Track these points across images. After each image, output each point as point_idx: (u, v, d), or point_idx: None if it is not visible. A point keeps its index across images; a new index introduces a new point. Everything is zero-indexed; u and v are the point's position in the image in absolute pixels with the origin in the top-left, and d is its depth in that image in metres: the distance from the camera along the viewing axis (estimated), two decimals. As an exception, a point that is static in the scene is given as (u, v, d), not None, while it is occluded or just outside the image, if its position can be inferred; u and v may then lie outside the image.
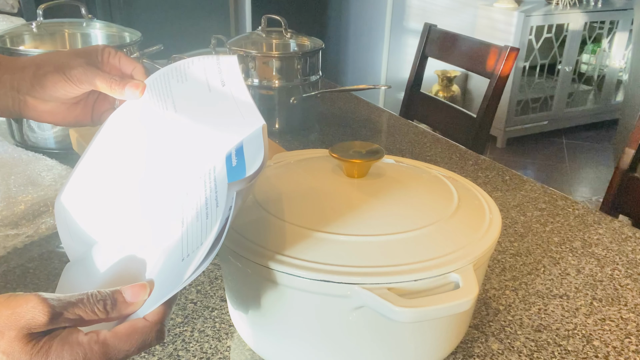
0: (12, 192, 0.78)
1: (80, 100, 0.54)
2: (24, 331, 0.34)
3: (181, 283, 0.37)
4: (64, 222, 0.49)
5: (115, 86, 0.51)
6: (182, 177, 0.45)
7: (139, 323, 0.38)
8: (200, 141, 0.47)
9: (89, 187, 0.50)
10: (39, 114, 0.54)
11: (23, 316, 0.34)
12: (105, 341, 0.36)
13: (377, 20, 3.24)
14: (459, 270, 0.45)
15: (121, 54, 0.54)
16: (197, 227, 0.39)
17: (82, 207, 0.49)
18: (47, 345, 0.35)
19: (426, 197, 0.55)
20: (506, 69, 1.30)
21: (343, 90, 1.26)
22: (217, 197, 0.40)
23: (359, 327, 0.46)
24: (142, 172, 0.49)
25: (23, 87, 0.52)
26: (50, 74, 0.51)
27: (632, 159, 1.06)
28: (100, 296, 0.37)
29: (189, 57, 0.53)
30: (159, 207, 0.45)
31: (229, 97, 0.49)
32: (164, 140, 0.49)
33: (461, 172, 0.99)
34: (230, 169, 0.42)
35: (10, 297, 0.35)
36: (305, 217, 0.49)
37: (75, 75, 0.51)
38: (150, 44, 1.06)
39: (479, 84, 3.05)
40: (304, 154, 0.64)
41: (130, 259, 0.44)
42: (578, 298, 0.67)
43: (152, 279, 0.40)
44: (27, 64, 0.52)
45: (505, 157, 2.92)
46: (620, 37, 3.16)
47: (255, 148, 0.43)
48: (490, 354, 0.58)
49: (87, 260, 0.46)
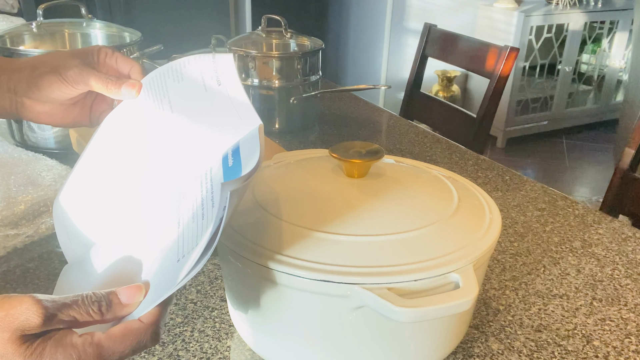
0: (12, 192, 0.78)
1: (77, 101, 0.54)
2: (18, 333, 0.34)
3: (176, 284, 0.37)
4: (62, 224, 0.49)
5: (111, 86, 0.51)
6: (178, 178, 0.45)
7: (133, 325, 0.37)
8: (196, 141, 0.47)
9: (87, 189, 0.50)
10: (36, 115, 0.53)
11: (17, 318, 0.34)
12: (100, 343, 0.36)
13: (377, 20, 3.24)
14: (459, 270, 0.45)
15: (118, 54, 0.53)
16: (193, 228, 0.39)
17: (80, 208, 0.49)
18: (40, 347, 0.34)
19: (426, 197, 0.55)
20: (506, 69, 1.30)
21: (343, 90, 1.26)
22: (213, 197, 0.40)
23: (359, 327, 0.46)
24: (139, 173, 0.49)
25: (20, 89, 0.51)
26: (46, 74, 0.50)
27: (632, 159, 1.06)
28: (95, 298, 0.37)
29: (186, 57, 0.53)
30: (156, 207, 0.45)
31: (225, 96, 0.49)
32: (161, 140, 0.49)
33: (461, 172, 0.99)
34: (227, 169, 0.42)
35: (4, 298, 0.35)
36: (305, 217, 0.49)
37: (71, 76, 0.50)
38: (150, 44, 1.06)
39: (479, 84, 3.06)
40: (304, 154, 0.64)
41: (127, 260, 0.43)
42: (578, 298, 0.67)
43: (147, 281, 0.40)
44: (24, 65, 0.52)
45: (505, 157, 2.92)
46: (620, 37, 3.16)
47: (252, 148, 0.43)
48: (490, 354, 0.58)
49: (85, 262, 0.46)
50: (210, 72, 0.51)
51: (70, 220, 0.49)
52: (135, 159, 0.49)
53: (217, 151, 0.44)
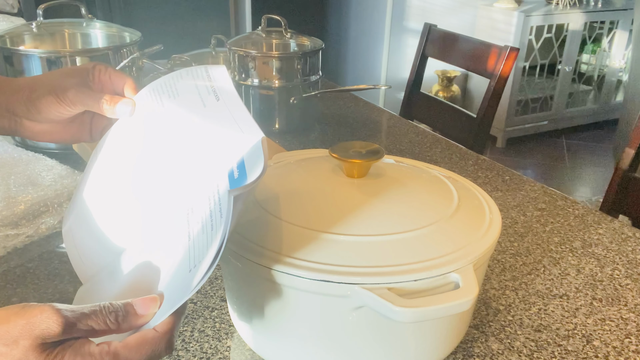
0: (12, 192, 0.78)
1: (75, 118, 0.54)
2: (38, 341, 0.35)
3: (189, 292, 0.38)
4: (74, 247, 0.51)
5: (105, 106, 0.51)
6: (186, 192, 0.46)
7: (149, 334, 0.38)
8: (202, 157, 0.47)
9: (94, 208, 0.51)
10: (35, 135, 0.54)
11: (37, 326, 0.35)
12: (117, 351, 0.37)
13: (377, 20, 3.24)
14: (459, 270, 0.45)
15: (111, 69, 0.54)
16: (203, 239, 0.40)
17: (90, 229, 0.50)
18: (60, 355, 0.35)
19: (426, 197, 0.55)
20: (506, 69, 1.30)
21: (343, 90, 1.26)
22: (221, 209, 0.41)
23: (359, 327, 0.46)
24: (145, 189, 0.49)
25: (18, 110, 0.52)
26: (44, 97, 0.51)
27: (632, 159, 1.06)
28: (112, 308, 0.38)
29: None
30: (165, 222, 0.46)
31: (226, 111, 0.49)
32: (166, 155, 0.49)
33: (461, 172, 0.99)
34: (233, 181, 0.42)
35: (24, 307, 0.36)
36: (305, 217, 0.49)
37: (68, 97, 0.51)
38: (150, 44, 1.06)
39: (479, 84, 3.06)
40: (304, 154, 0.64)
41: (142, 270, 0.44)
42: (578, 298, 0.67)
43: (162, 292, 0.41)
44: (22, 87, 0.52)
45: (505, 157, 2.92)
46: (620, 37, 3.16)
47: (256, 160, 0.43)
48: (490, 354, 0.58)
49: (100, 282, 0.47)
50: (207, 86, 0.51)
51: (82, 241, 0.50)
52: (141, 174, 0.50)
53: (223, 166, 0.45)
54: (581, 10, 2.96)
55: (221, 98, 0.50)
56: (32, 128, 0.53)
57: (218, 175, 0.44)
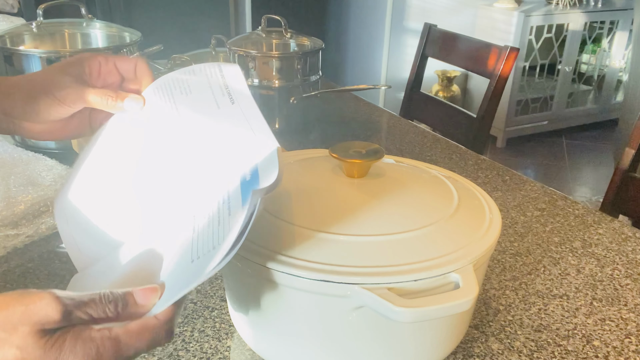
0: (12, 192, 0.78)
1: (75, 114, 0.54)
2: (37, 327, 0.35)
3: (197, 280, 0.38)
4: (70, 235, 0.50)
5: (111, 101, 0.50)
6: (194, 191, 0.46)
7: (150, 321, 0.38)
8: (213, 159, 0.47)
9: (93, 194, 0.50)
10: (35, 135, 0.53)
11: (36, 312, 0.35)
12: (117, 337, 0.37)
13: (377, 20, 3.24)
14: (459, 270, 0.45)
15: (115, 57, 0.52)
16: (209, 233, 0.41)
17: (88, 214, 0.50)
18: (60, 340, 0.35)
19: (426, 197, 0.55)
20: (506, 69, 1.30)
21: (343, 90, 1.26)
22: (230, 206, 0.41)
23: (359, 327, 0.46)
24: (149, 183, 0.49)
25: (15, 113, 0.51)
26: (41, 98, 0.50)
27: (632, 159, 1.06)
28: (112, 297, 0.38)
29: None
30: (169, 216, 0.46)
31: (240, 117, 0.48)
32: (174, 151, 0.49)
33: (461, 172, 0.99)
34: (245, 184, 0.43)
35: (23, 293, 0.36)
36: (305, 217, 0.49)
37: (66, 96, 0.50)
38: (150, 44, 1.06)
39: (479, 84, 3.05)
40: (304, 154, 0.64)
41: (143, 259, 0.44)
42: (578, 298, 0.67)
43: (163, 282, 0.41)
44: (16, 88, 0.51)
45: (505, 157, 2.92)
46: (620, 37, 3.16)
47: (270, 168, 0.43)
48: (490, 354, 0.58)
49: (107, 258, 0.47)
50: (220, 86, 0.50)
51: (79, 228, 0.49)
52: (144, 167, 0.50)
53: (235, 169, 0.45)
54: (581, 10, 2.96)
55: (236, 101, 0.49)
56: (32, 129, 0.53)
57: (229, 177, 0.44)
